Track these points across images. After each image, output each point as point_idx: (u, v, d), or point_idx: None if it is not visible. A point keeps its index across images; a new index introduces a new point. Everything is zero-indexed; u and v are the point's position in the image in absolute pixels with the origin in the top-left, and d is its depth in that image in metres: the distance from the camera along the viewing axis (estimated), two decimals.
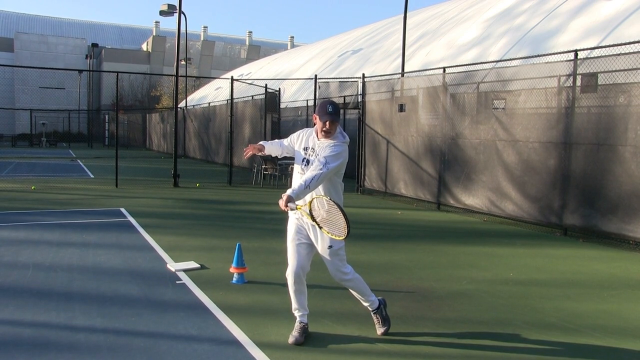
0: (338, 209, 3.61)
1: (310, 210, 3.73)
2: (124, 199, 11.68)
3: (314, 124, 3.98)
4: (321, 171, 3.70)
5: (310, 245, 3.98)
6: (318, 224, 3.73)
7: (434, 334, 4.16)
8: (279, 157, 4.32)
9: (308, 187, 3.67)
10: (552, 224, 8.68)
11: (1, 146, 40.29)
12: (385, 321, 4.16)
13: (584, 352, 3.89)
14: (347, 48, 28.49)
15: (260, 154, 4.21)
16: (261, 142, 4.23)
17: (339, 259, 3.97)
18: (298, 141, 4.08)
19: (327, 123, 3.83)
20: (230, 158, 16.29)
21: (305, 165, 3.94)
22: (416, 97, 11.85)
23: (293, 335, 3.94)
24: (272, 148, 4.21)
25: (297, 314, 4.05)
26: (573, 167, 8.30)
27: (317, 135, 3.96)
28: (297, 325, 4.02)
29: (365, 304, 4.19)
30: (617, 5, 12.91)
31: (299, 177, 3.96)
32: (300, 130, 4.14)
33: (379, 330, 4.13)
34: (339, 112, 3.93)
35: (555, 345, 4.00)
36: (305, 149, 3.99)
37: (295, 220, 4.02)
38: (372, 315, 4.20)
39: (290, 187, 3.81)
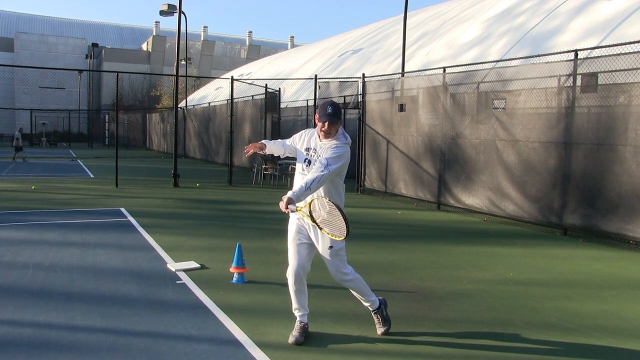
0: (338, 210, 3.61)
1: (310, 212, 3.73)
2: (124, 199, 11.68)
3: (316, 124, 3.98)
4: (322, 173, 3.69)
5: (311, 246, 3.97)
6: (318, 225, 3.73)
7: (434, 334, 4.16)
8: (280, 156, 4.31)
9: (309, 189, 3.66)
10: (552, 223, 8.68)
11: (1, 146, 40.28)
12: (386, 321, 4.16)
13: (584, 352, 3.89)
14: (347, 48, 28.49)
15: (261, 152, 4.19)
16: (263, 141, 4.21)
17: (339, 260, 3.97)
18: (300, 141, 4.06)
19: (326, 124, 3.82)
20: (230, 158, 16.28)
21: (307, 165, 3.93)
22: (416, 97, 11.85)
23: (293, 335, 3.94)
24: (274, 147, 4.19)
25: (297, 313, 4.05)
26: (573, 167, 8.29)
27: (319, 136, 3.94)
28: (297, 325, 4.01)
29: (366, 304, 4.19)
30: (617, 5, 12.91)
31: (300, 177, 3.95)
32: (303, 131, 4.13)
33: (380, 330, 4.12)
34: (340, 114, 3.91)
35: (555, 345, 4.00)
36: (307, 149, 3.97)
37: (296, 220, 4.00)
38: (373, 315, 4.19)
39: (290, 187, 3.80)
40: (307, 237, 3.97)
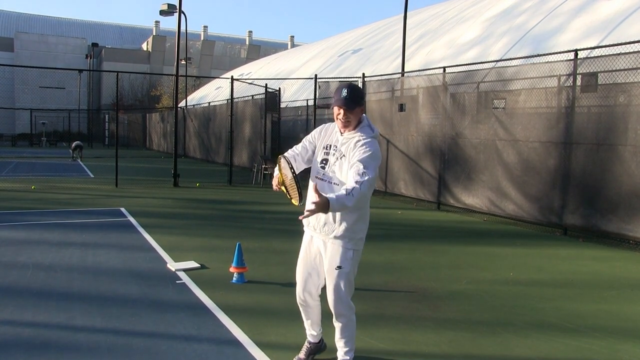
0: (291, 172, 3.12)
1: (281, 169, 3.24)
2: (124, 199, 11.68)
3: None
4: (363, 179, 2.99)
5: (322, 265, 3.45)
6: (287, 189, 3.23)
7: (434, 334, 4.16)
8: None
9: (351, 195, 2.92)
10: (552, 223, 8.68)
11: (1, 146, 40.28)
12: None
13: (584, 352, 3.89)
14: (347, 48, 28.48)
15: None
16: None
17: (347, 285, 3.26)
18: (320, 137, 3.40)
19: (342, 111, 3.18)
20: (230, 157, 16.28)
21: (324, 164, 3.30)
22: (416, 96, 11.85)
23: (298, 357, 3.62)
24: (298, 166, 3.47)
25: (307, 332, 3.66)
26: (573, 167, 8.30)
27: (340, 130, 3.28)
28: (305, 344, 3.67)
29: (341, 353, 3.40)
30: (617, 5, 12.90)
31: (315, 180, 3.33)
32: (323, 125, 3.49)
33: None
34: (359, 98, 3.21)
35: (555, 345, 4.00)
36: (327, 146, 3.32)
37: (310, 235, 3.47)
38: None
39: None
40: (319, 254, 3.45)
